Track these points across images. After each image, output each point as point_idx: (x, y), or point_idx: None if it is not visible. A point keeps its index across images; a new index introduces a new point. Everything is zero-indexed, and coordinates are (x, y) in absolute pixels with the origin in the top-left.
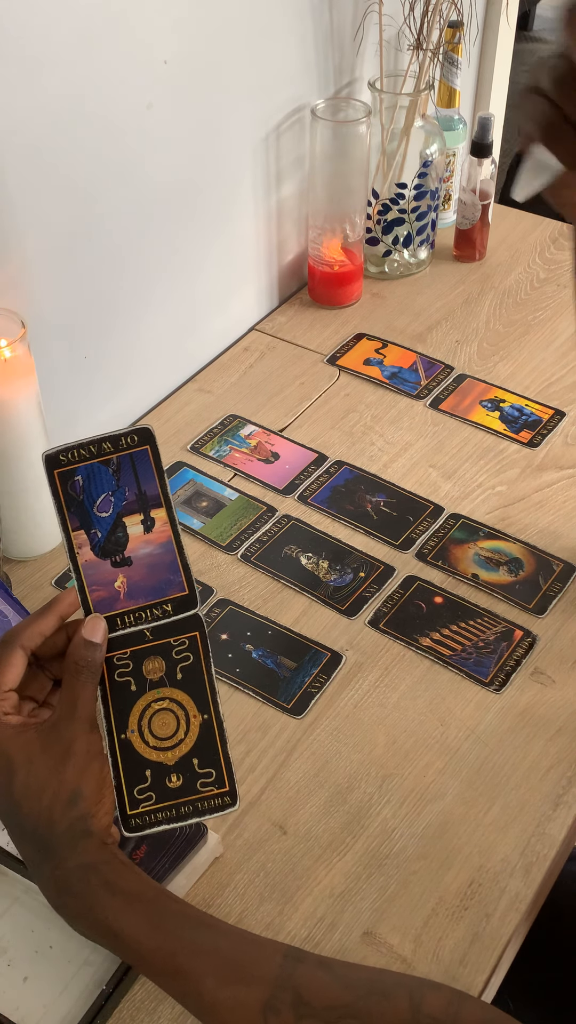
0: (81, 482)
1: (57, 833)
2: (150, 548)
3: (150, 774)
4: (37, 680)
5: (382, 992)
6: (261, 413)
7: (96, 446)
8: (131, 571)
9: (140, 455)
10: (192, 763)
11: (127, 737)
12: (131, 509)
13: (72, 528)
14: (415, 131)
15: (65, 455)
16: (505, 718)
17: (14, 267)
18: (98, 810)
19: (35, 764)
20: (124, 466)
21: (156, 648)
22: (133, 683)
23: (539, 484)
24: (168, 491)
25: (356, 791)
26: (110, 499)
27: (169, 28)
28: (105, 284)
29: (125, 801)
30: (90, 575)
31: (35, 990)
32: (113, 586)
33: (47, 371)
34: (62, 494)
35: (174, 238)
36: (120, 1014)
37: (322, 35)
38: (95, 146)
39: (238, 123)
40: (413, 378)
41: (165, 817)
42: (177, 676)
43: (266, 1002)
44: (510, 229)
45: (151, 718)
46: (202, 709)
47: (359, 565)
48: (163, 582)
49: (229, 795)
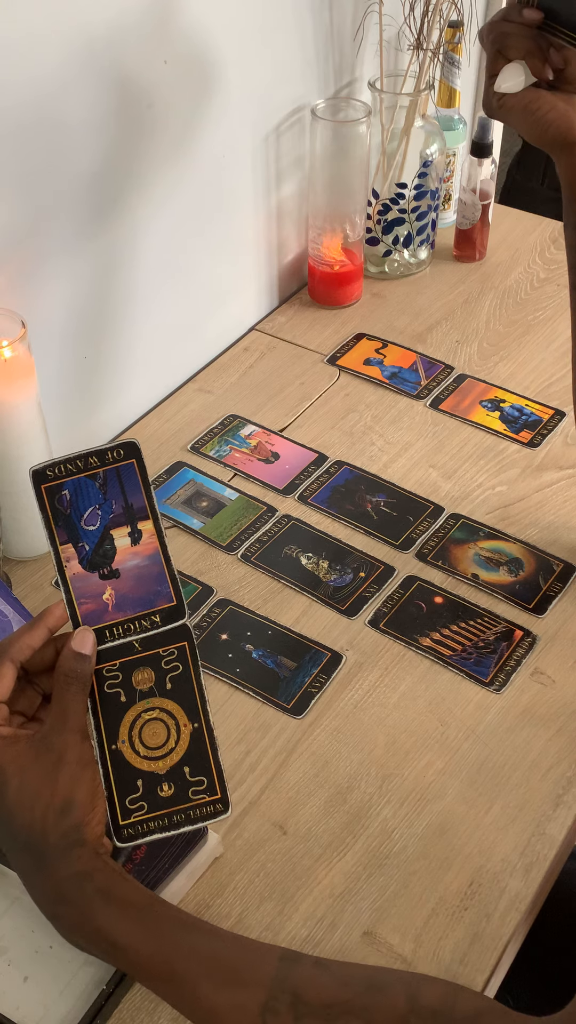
0: (68, 496)
1: (50, 843)
2: (137, 560)
3: (141, 784)
4: (26, 695)
5: (379, 987)
6: (261, 413)
7: (83, 460)
8: (119, 583)
9: (126, 468)
10: (183, 771)
11: (118, 747)
12: (118, 522)
13: (60, 542)
14: (415, 131)
15: (52, 470)
16: (505, 718)
17: (14, 267)
18: (91, 819)
19: (27, 774)
20: (111, 479)
21: (145, 659)
22: (123, 694)
23: (539, 484)
24: (155, 503)
25: (356, 791)
26: (97, 512)
27: (169, 28)
28: (105, 284)
29: (117, 811)
30: (78, 588)
31: (35, 990)
32: (101, 598)
33: (47, 371)
34: (49, 508)
35: (174, 238)
36: (120, 1014)
37: (322, 35)
38: (95, 146)
39: (238, 123)
40: (413, 378)
41: (158, 826)
42: (167, 686)
43: (264, 1004)
44: (510, 229)
45: (141, 728)
46: (192, 718)
47: (359, 565)
48: (151, 593)
49: (221, 802)
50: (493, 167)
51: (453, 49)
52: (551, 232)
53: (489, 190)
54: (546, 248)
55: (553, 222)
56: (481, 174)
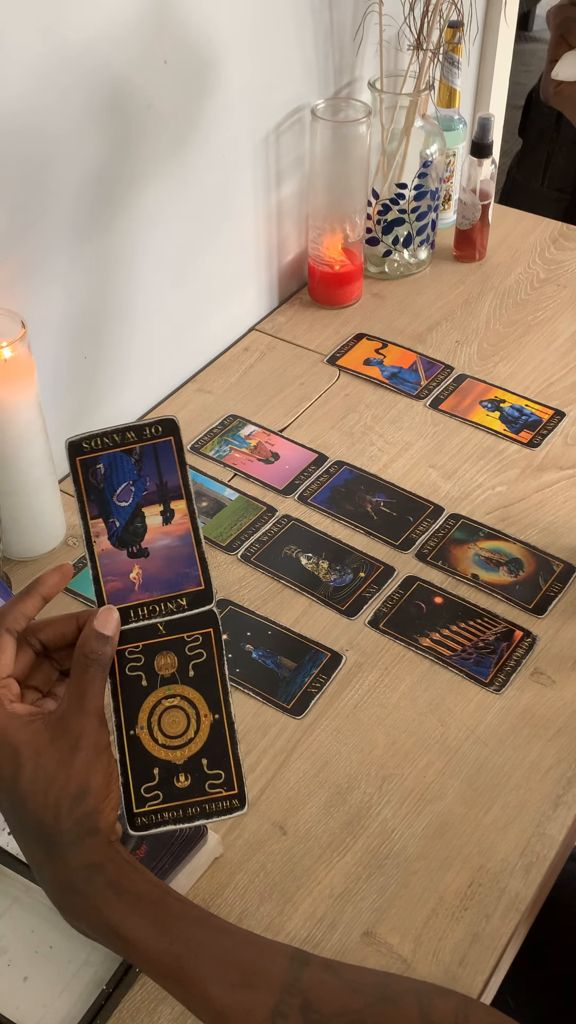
0: (103, 470)
1: (63, 830)
2: (168, 540)
3: (158, 772)
4: (43, 670)
5: (391, 999)
6: (261, 413)
7: (120, 435)
8: (147, 562)
9: (163, 446)
10: (201, 763)
11: (136, 733)
12: (151, 500)
13: (91, 516)
14: (415, 131)
15: (88, 443)
16: (505, 718)
17: (14, 267)
18: (105, 806)
19: (42, 758)
20: (147, 456)
21: (169, 643)
22: (144, 678)
23: (539, 484)
24: (190, 483)
25: (356, 791)
26: (130, 488)
27: (169, 28)
28: (105, 284)
29: (132, 799)
30: (105, 564)
31: (35, 990)
32: (128, 577)
33: (47, 371)
34: (83, 481)
35: (174, 238)
36: (120, 1014)
37: (322, 35)
38: (95, 145)
39: (238, 123)
40: (413, 378)
41: (172, 817)
42: (189, 673)
43: (274, 1008)
44: (510, 229)
45: (161, 715)
46: (213, 709)
47: (359, 565)
48: (179, 575)
49: (238, 798)
50: (493, 167)
51: (453, 49)
52: (551, 232)
53: (489, 190)
54: (546, 248)
55: (553, 222)
56: (481, 174)
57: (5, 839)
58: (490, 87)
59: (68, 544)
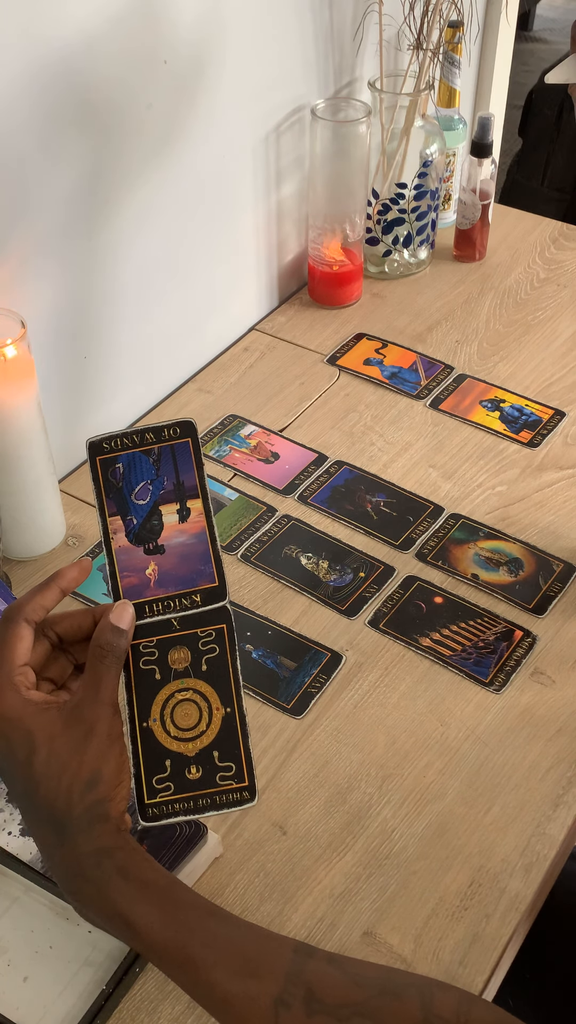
0: (121, 469)
1: (74, 816)
2: (184, 537)
3: (170, 764)
4: (59, 663)
5: (393, 992)
6: (261, 413)
7: (139, 436)
8: (163, 559)
9: (181, 447)
10: (212, 756)
11: (148, 725)
12: (168, 498)
13: (108, 513)
14: (415, 131)
15: (108, 443)
16: (505, 718)
17: (14, 266)
18: (116, 795)
19: (56, 743)
20: (165, 456)
21: (182, 638)
22: (158, 671)
23: (539, 484)
24: (206, 483)
25: (356, 791)
26: (148, 487)
27: (169, 28)
28: (105, 284)
29: (143, 789)
30: (122, 560)
31: (35, 990)
32: (144, 573)
33: (47, 371)
34: (102, 480)
35: (174, 238)
36: (120, 1014)
37: (322, 35)
38: (95, 146)
39: (238, 123)
40: (413, 378)
41: (183, 808)
42: (202, 668)
43: (277, 996)
44: (510, 229)
45: (174, 708)
46: (225, 703)
47: (359, 565)
48: (194, 572)
49: (248, 790)
50: (493, 167)
51: (453, 49)
52: (551, 232)
53: (489, 190)
54: (546, 248)
55: (553, 222)
56: (481, 174)
57: (5, 839)
58: (490, 87)
59: (68, 544)
